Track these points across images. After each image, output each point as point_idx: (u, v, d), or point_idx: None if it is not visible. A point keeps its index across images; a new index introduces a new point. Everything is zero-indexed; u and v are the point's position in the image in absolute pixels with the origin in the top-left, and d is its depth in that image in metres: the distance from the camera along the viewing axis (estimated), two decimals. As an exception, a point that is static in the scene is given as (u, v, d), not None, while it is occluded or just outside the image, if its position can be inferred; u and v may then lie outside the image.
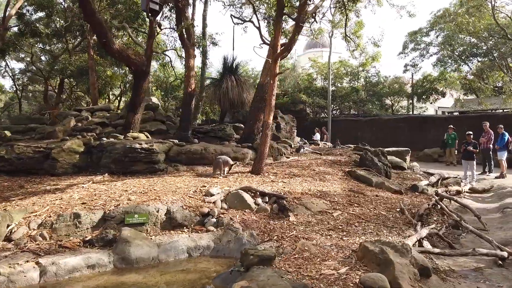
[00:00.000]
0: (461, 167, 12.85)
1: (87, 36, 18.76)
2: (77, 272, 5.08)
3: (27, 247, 5.38)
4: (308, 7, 14.03)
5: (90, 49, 18.61)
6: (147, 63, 10.93)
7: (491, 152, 13.18)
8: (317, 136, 18.25)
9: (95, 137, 10.87)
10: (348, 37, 19.25)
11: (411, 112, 30.01)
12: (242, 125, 13.85)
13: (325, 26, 21.98)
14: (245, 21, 10.87)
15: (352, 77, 29.62)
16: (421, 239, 5.81)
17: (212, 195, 7.15)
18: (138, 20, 18.14)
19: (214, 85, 16.51)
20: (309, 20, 17.98)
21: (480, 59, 27.43)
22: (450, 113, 28.87)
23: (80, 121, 12.62)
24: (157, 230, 6.30)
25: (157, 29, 18.71)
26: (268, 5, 11.10)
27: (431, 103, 29.90)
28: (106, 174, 9.15)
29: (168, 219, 6.44)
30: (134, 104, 11.15)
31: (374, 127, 24.07)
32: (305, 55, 43.31)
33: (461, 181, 11.23)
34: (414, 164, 14.37)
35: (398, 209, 7.11)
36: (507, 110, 23.68)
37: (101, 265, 5.28)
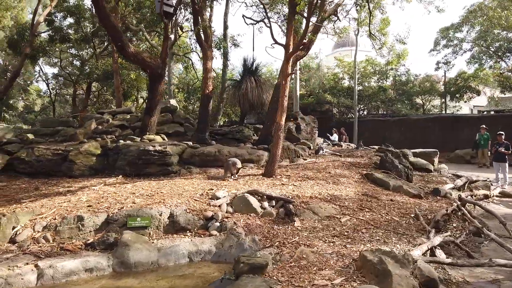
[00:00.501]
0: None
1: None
2: (75, 276, 5.08)
3: (29, 250, 5.44)
4: (327, 6, 13.72)
5: (115, 53, 19.04)
6: (162, 66, 10.98)
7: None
8: (335, 137, 17.77)
9: (114, 140, 11.03)
10: (373, 35, 18.70)
11: (444, 112, 28.78)
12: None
13: (350, 24, 21.54)
14: (257, 21, 10.69)
15: (380, 76, 28.75)
16: (434, 248, 5.44)
17: (218, 199, 7.03)
18: (161, 24, 18.35)
19: (234, 87, 16.45)
20: (332, 19, 17.66)
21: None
22: (485, 112, 27.45)
23: (101, 124, 12.88)
24: (160, 234, 6.24)
25: (179, 32, 18.96)
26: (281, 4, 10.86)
27: (465, 102, 28.55)
28: (120, 176, 9.25)
29: (171, 223, 6.37)
30: (150, 107, 11.23)
31: (403, 127, 23.29)
32: (334, 55, 42.55)
33: (491, 185, 10.57)
34: (442, 166, 13.67)
35: (413, 215, 6.71)
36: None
37: (99, 269, 5.26)
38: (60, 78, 26.15)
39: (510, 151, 11.38)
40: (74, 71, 22.89)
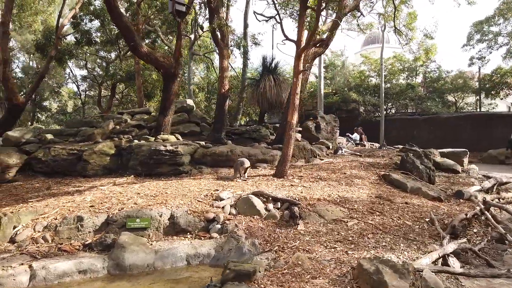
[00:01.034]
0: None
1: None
2: (68, 277, 5.00)
3: (27, 250, 5.43)
4: (347, 1, 13.23)
5: (137, 54, 19.23)
6: (176, 65, 10.89)
7: None
8: (356, 136, 17.17)
9: (129, 139, 11.05)
10: (399, 30, 17.98)
11: (479, 109, 27.33)
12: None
13: (378, 20, 20.80)
14: (269, 18, 10.40)
15: (410, 73, 27.65)
16: (447, 256, 4.99)
17: (222, 200, 6.82)
18: (186, 26, 18.44)
19: (253, 86, 16.20)
20: (355, 14, 17.10)
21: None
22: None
23: (119, 124, 12.98)
24: (160, 236, 6.10)
25: (199, 32, 18.96)
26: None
27: (502, 99, 26.99)
28: (132, 176, 9.23)
29: (172, 224, 6.22)
30: (164, 106, 11.19)
31: (432, 126, 22.33)
32: (362, 52, 41.43)
33: (524, 187, 9.79)
34: (472, 167, 12.86)
35: (428, 219, 6.24)
36: None
37: (94, 271, 5.17)
38: (88, 80, 26.86)
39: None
40: (100, 73, 23.37)
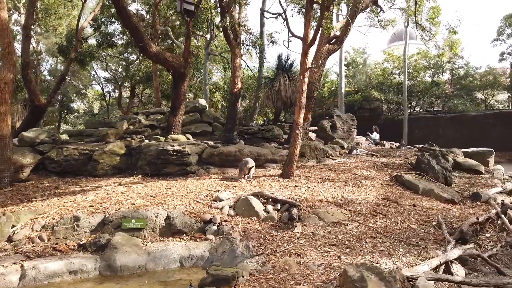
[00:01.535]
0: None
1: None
2: (58, 278, 5.00)
3: (22, 249, 5.47)
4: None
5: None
6: (185, 65, 10.85)
7: None
8: (375, 135, 16.63)
9: (141, 139, 11.11)
10: (421, 25, 17.32)
11: (511, 107, 25.99)
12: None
13: (401, 15, 20.12)
14: (276, 15, 10.17)
15: (436, 70, 26.62)
16: (450, 262, 4.64)
17: (221, 200, 6.68)
18: (198, 25, 18.45)
19: (267, 85, 15.99)
20: (375, 10, 16.58)
21: None
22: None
23: (133, 124, 13.11)
24: (156, 236, 6.03)
25: (215, 31, 18.93)
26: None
27: (536, 96, 25.63)
28: (139, 176, 9.24)
29: (168, 225, 6.14)
30: (174, 106, 11.18)
31: (458, 125, 21.44)
32: (388, 49, 40.34)
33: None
34: (497, 168, 12.14)
35: (435, 223, 5.87)
36: None
37: (84, 271, 5.15)
38: (111, 81, 27.47)
39: None
40: (120, 74, 23.80)
